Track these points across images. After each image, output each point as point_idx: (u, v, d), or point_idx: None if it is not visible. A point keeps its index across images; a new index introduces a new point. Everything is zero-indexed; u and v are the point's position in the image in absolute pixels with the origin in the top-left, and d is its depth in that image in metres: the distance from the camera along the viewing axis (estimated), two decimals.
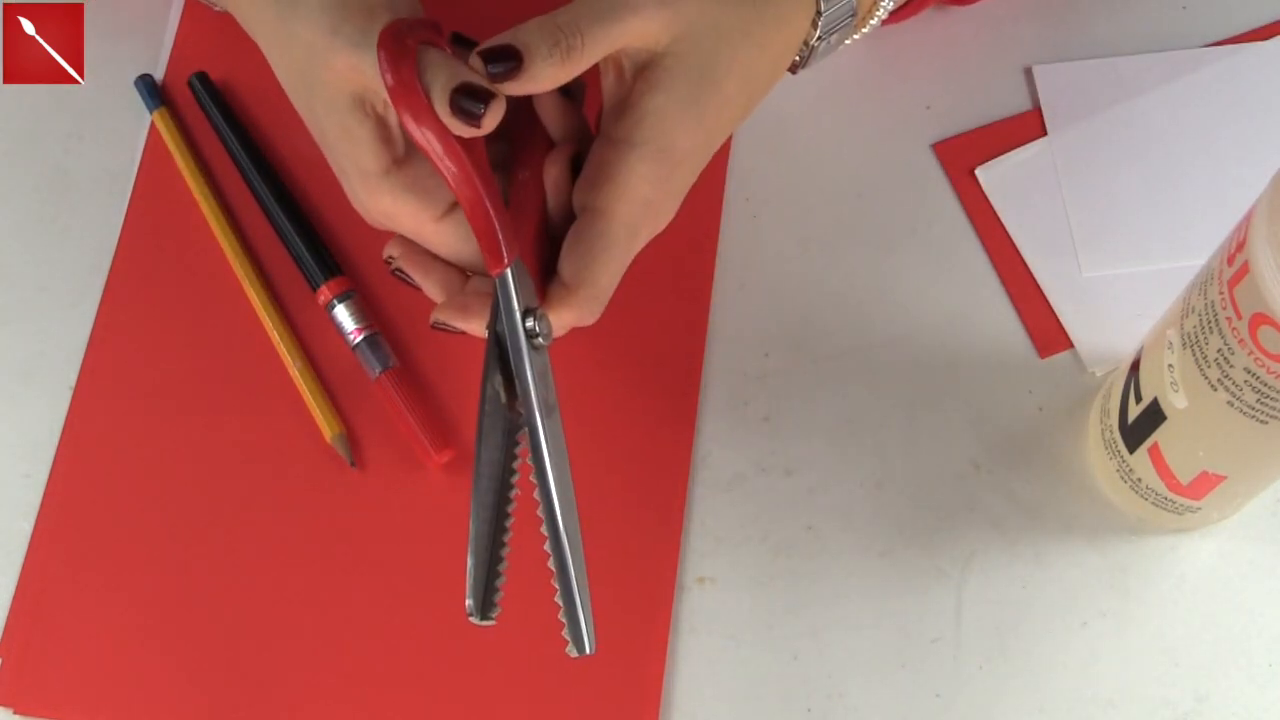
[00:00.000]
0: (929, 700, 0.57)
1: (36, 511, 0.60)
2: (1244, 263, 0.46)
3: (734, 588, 0.59)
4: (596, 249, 0.52)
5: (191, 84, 0.66)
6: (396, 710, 0.57)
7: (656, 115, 0.52)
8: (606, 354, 0.62)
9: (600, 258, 0.52)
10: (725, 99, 0.53)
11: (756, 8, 0.54)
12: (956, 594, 0.59)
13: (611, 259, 0.53)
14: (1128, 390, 0.56)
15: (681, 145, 0.53)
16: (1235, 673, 0.58)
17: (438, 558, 0.59)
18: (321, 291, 0.62)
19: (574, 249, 0.53)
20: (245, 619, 0.58)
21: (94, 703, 0.57)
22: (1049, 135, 0.66)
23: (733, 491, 0.61)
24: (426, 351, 0.62)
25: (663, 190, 0.53)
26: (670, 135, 0.52)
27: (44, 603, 0.58)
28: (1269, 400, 0.48)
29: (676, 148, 0.53)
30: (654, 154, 0.52)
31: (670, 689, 0.58)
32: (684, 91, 0.52)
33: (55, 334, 0.63)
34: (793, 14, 0.55)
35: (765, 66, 0.55)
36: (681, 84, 0.52)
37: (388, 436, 0.61)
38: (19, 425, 0.61)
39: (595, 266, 0.52)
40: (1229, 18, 0.68)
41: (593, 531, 0.59)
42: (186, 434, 0.61)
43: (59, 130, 0.66)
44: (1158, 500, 0.58)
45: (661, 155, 0.52)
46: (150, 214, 0.65)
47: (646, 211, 0.53)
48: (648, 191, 0.53)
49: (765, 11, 0.54)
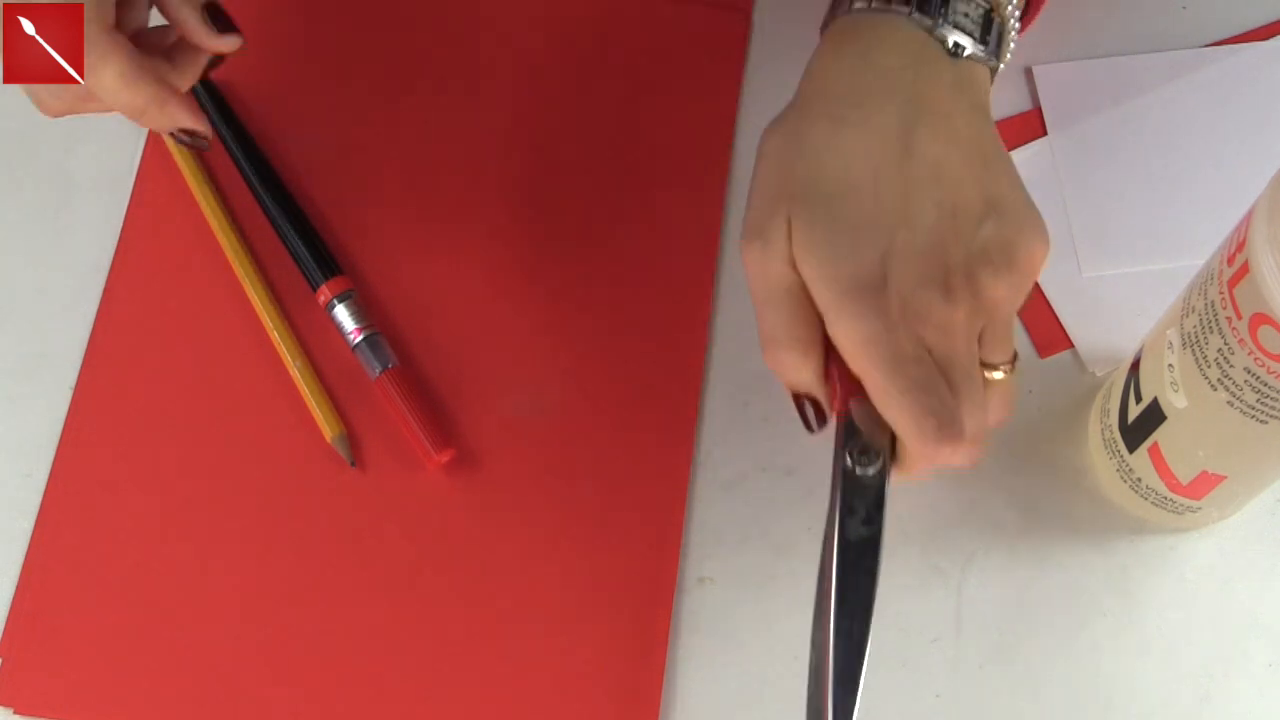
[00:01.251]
0: (929, 700, 0.57)
1: (36, 511, 0.60)
2: (1244, 263, 0.46)
3: (734, 588, 0.59)
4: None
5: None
6: (396, 710, 0.57)
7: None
8: (607, 354, 0.62)
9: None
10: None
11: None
12: (956, 594, 0.59)
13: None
14: (1128, 390, 0.56)
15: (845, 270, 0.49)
16: (1235, 673, 0.58)
17: (438, 558, 0.59)
18: (321, 291, 0.62)
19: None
20: (245, 619, 0.58)
21: (94, 703, 0.57)
22: (1049, 135, 0.66)
23: (733, 491, 0.61)
24: (426, 351, 0.62)
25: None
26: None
27: (44, 603, 0.58)
28: (1269, 400, 0.48)
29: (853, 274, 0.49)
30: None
31: (670, 689, 0.58)
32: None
33: (55, 334, 0.63)
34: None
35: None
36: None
37: (388, 436, 0.61)
38: (19, 425, 0.61)
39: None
40: (1229, 18, 0.68)
41: (593, 531, 0.60)
42: (186, 434, 0.61)
43: (59, 130, 0.66)
44: (1158, 500, 0.58)
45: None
46: (150, 214, 0.65)
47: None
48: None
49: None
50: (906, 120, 0.50)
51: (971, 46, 0.53)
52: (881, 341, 0.48)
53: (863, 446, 0.51)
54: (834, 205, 0.49)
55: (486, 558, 0.59)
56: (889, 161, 0.50)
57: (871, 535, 0.51)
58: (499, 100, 0.67)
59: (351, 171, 0.65)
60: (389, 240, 0.64)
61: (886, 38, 0.52)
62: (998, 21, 0.54)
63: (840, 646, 0.49)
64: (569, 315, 0.63)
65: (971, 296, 0.49)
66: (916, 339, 0.48)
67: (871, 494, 0.51)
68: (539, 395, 0.62)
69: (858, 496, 0.51)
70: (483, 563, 0.59)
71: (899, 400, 0.48)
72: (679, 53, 0.68)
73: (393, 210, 0.65)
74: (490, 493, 0.60)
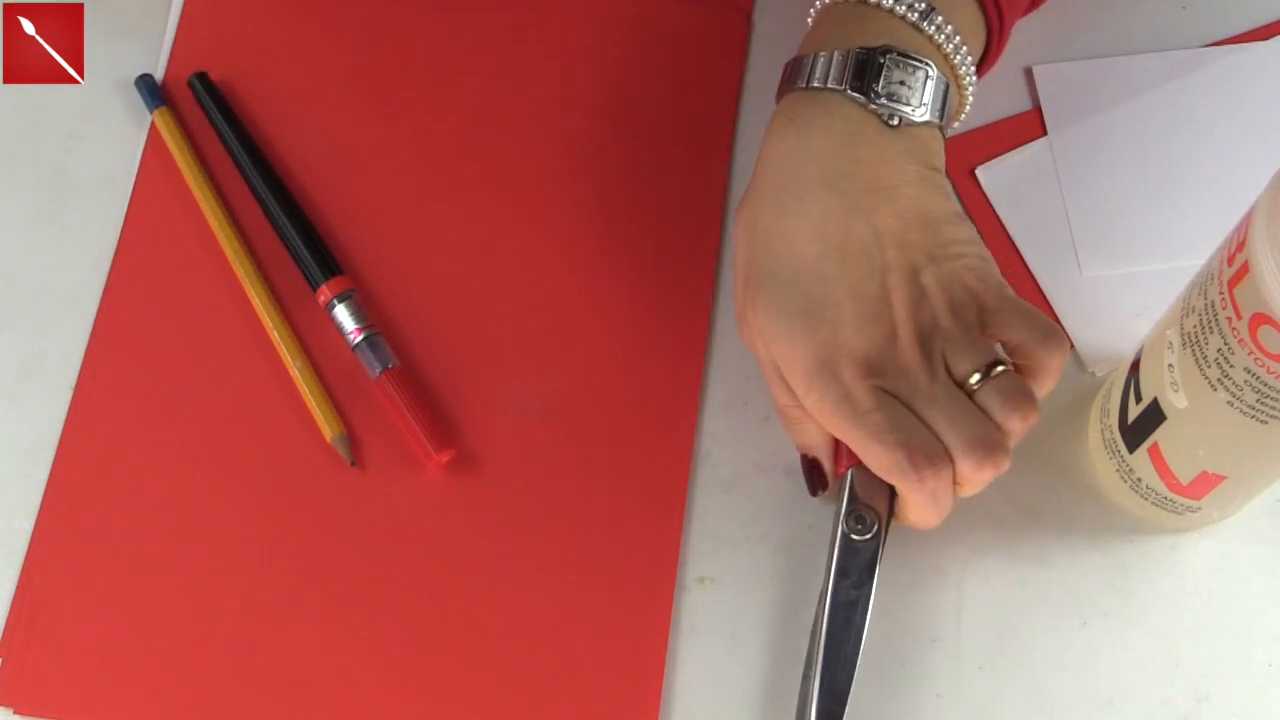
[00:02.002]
0: (929, 700, 0.57)
1: (36, 511, 0.60)
2: (1244, 263, 0.46)
3: (734, 588, 0.59)
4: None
5: (191, 84, 0.66)
6: (396, 710, 0.57)
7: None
8: (608, 353, 0.62)
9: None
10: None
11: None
12: (956, 594, 0.59)
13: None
14: (1128, 390, 0.56)
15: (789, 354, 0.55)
16: (1235, 673, 0.58)
17: (438, 557, 0.59)
18: (321, 291, 0.62)
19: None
20: (245, 619, 0.58)
21: (94, 703, 0.57)
22: (1049, 135, 0.66)
23: (733, 491, 0.61)
24: (426, 351, 0.62)
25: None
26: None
27: (44, 603, 0.58)
28: (1269, 400, 0.48)
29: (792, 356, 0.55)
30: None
31: (670, 689, 0.58)
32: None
33: (55, 334, 0.63)
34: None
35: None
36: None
37: (388, 436, 0.61)
38: (19, 425, 0.61)
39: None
40: (1229, 18, 0.68)
41: (593, 531, 0.60)
42: (186, 434, 0.61)
43: (59, 130, 0.66)
44: (1158, 500, 0.58)
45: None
46: (150, 214, 0.65)
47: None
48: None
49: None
50: (845, 202, 0.55)
51: (911, 113, 0.55)
52: (843, 404, 0.53)
53: (858, 515, 0.57)
54: (785, 291, 0.54)
55: (486, 557, 0.59)
56: (830, 244, 0.54)
57: (861, 597, 0.56)
58: (499, 100, 0.67)
59: (351, 171, 0.65)
60: (389, 240, 0.64)
61: (823, 119, 0.56)
62: (941, 84, 0.56)
63: (823, 697, 0.55)
64: (569, 315, 0.63)
65: (919, 339, 0.53)
66: (874, 390, 0.53)
67: (864, 559, 0.57)
68: (539, 395, 0.62)
69: (851, 560, 0.57)
70: (482, 562, 0.59)
71: (869, 447, 0.53)
72: (679, 53, 0.68)
73: (393, 210, 0.65)
74: (490, 493, 0.60)
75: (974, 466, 0.52)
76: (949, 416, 0.53)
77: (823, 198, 0.55)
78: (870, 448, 0.53)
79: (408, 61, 0.68)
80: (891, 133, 0.55)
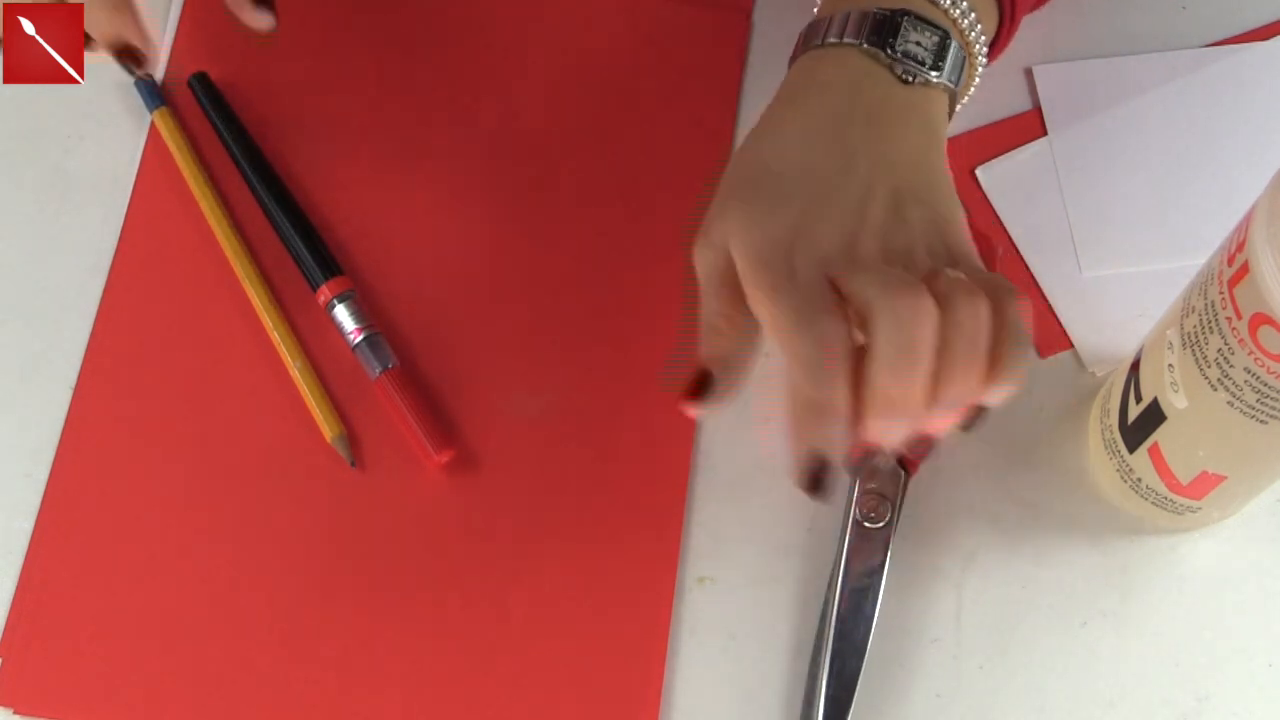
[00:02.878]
0: (929, 700, 0.57)
1: (36, 511, 0.60)
2: (1244, 263, 0.46)
3: (734, 588, 0.59)
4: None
5: (191, 84, 0.66)
6: (396, 710, 0.57)
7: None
8: (607, 353, 0.62)
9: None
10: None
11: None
12: (956, 594, 0.59)
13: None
14: (1128, 390, 0.56)
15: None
16: (1235, 673, 0.58)
17: (438, 558, 0.59)
18: (321, 291, 0.62)
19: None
20: (245, 619, 0.58)
21: (94, 703, 0.57)
22: (1049, 135, 0.66)
23: (733, 491, 0.61)
24: (426, 351, 0.62)
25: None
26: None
27: (44, 603, 0.58)
28: (1269, 400, 0.48)
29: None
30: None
31: (670, 689, 0.58)
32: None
33: (55, 334, 0.63)
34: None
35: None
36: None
37: (388, 436, 0.61)
38: (19, 425, 0.61)
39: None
40: (1229, 18, 0.68)
41: (593, 531, 0.60)
42: (186, 434, 0.61)
43: (59, 130, 0.66)
44: (1158, 500, 0.58)
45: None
46: (150, 214, 0.65)
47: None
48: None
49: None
50: (843, 122, 0.52)
51: (927, 73, 0.54)
52: (786, 283, 0.49)
53: (872, 502, 0.58)
54: (765, 180, 0.52)
55: (486, 558, 0.59)
56: (819, 149, 0.52)
57: (872, 584, 0.57)
58: (499, 100, 0.67)
59: (351, 172, 0.65)
60: (389, 240, 0.64)
61: (834, 67, 0.54)
62: (955, 49, 0.55)
63: (832, 683, 0.56)
64: (569, 316, 0.63)
65: (884, 254, 0.50)
66: (823, 278, 0.49)
67: (876, 546, 0.57)
68: (539, 395, 0.62)
69: (862, 548, 0.57)
70: (482, 563, 0.59)
71: (782, 327, 0.49)
72: (679, 53, 0.68)
73: (393, 210, 0.65)
74: (490, 493, 0.60)
75: (899, 340, 0.47)
76: (884, 282, 0.48)
77: (821, 114, 0.53)
78: (787, 333, 0.49)
79: (408, 62, 0.68)
80: (903, 87, 0.54)
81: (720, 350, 0.52)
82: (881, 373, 0.47)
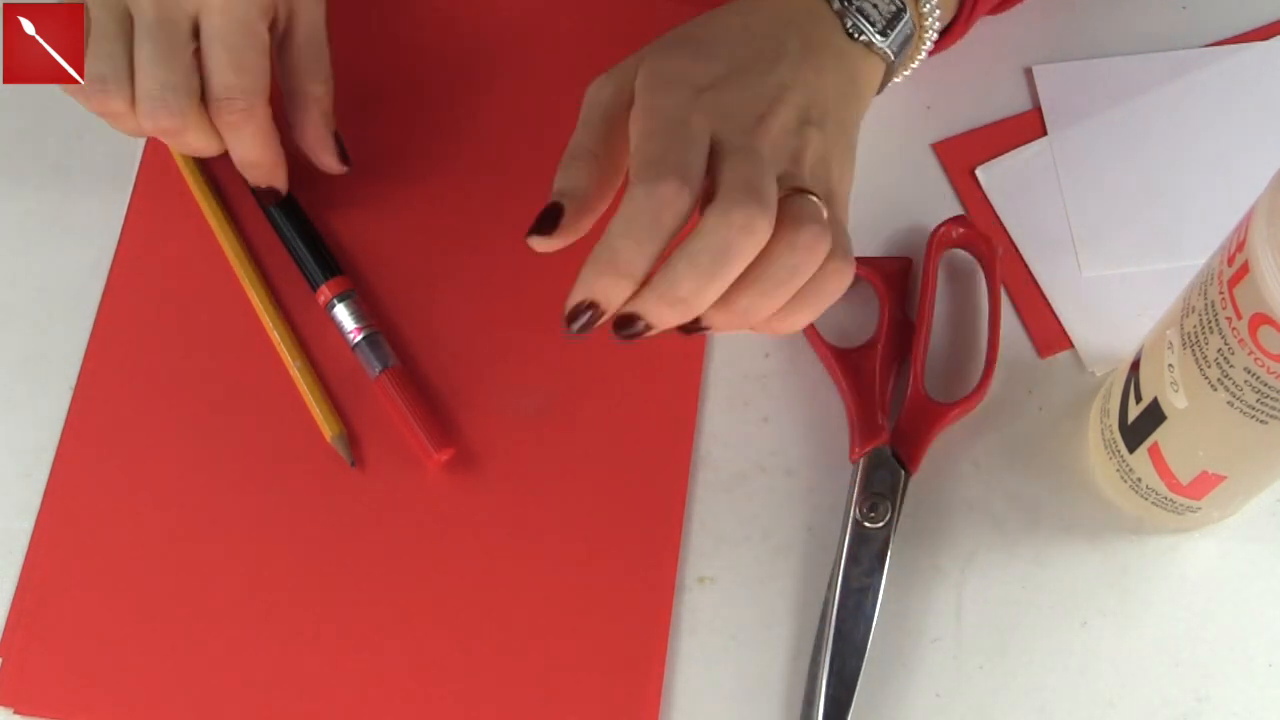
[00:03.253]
0: (929, 700, 0.57)
1: (36, 511, 0.60)
2: (1244, 263, 0.46)
3: (734, 588, 0.59)
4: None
5: None
6: (397, 709, 0.57)
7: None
8: (607, 353, 0.62)
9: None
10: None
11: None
12: (956, 594, 0.59)
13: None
14: (1128, 390, 0.56)
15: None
16: (1235, 673, 0.58)
17: (438, 557, 0.59)
18: (321, 291, 0.62)
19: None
20: (245, 619, 0.58)
21: (94, 703, 0.57)
22: (1049, 135, 0.66)
23: (733, 491, 0.61)
24: (426, 351, 0.62)
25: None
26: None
27: (44, 603, 0.58)
28: (1269, 400, 0.48)
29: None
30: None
31: (670, 689, 0.58)
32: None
33: (55, 334, 0.63)
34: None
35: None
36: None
37: (388, 436, 0.61)
38: (19, 425, 0.61)
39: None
40: (1229, 18, 0.68)
41: (593, 531, 0.60)
42: (186, 434, 0.61)
43: (59, 130, 0.66)
44: (1158, 500, 0.58)
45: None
46: (150, 214, 0.65)
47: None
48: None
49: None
50: (782, 29, 0.54)
51: (872, 36, 0.55)
52: (671, 124, 0.50)
53: (871, 502, 0.58)
54: (692, 40, 0.53)
55: (486, 557, 0.59)
56: (755, 32, 0.53)
57: (872, 584, 0.57)
58: (498, 100, 0.67)
59: (352, 171, 0.65)
60: (389, 240, 0.64)
61: (784, 4, 0.55)
62: (906, 22, 0.56)
63: (832, 683, 0.56)
64: None
65: (773, 151, 0.50)
66: (705, 133, 0.50)
67: (875, 546, 0.58)
68: (539, 395, 0.62)
69: (863, 547, 0.58)
70: (482, 562, 0.59)
71: (644, 160, 0.50)
72: None
73: (393, 210, 0.65)
74: (490, 492, 0.60)
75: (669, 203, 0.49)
76: (745, 184, 0.49)
77: (763, 21, 0.54)
78: (639, 170, 0.50)
79: (407, 61, 0.68)
80: (846, 40, 0.55)
81: (574, 183, 0.53)
82: (683, 265, 0.48)
